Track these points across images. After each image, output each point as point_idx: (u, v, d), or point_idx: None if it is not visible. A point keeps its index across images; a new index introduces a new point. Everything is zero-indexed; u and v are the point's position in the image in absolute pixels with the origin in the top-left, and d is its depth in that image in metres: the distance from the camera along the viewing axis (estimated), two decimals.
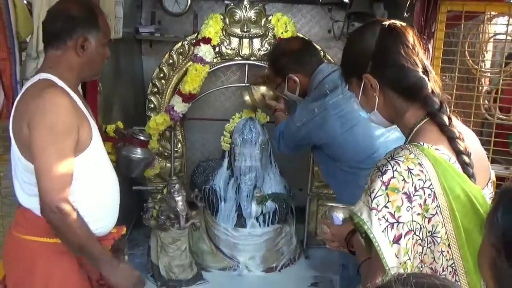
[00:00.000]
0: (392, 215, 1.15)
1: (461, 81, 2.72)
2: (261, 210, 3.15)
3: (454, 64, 2.61)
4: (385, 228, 1.15)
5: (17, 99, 1.63)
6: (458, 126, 1.30)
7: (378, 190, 1.17)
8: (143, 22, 3.97)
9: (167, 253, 2.92)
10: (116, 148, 2.73)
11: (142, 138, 2.72)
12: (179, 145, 3.35)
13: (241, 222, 3.15)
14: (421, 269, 1.19)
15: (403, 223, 1.15)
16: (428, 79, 1.30)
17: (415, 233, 1.16)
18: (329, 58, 3.19)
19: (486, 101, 2.64)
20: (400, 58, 1.29)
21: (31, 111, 1.55)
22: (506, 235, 0.57)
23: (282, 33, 3.11)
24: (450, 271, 1.20)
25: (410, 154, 1.19)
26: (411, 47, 1.31)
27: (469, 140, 1.31)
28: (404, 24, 1.37)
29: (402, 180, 1.16)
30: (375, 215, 1.16)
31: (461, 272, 1.20)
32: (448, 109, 1.29)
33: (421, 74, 1.29)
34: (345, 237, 1.54)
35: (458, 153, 1.24)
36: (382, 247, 1.16)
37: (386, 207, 1.16)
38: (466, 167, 1.23)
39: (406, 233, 1.15)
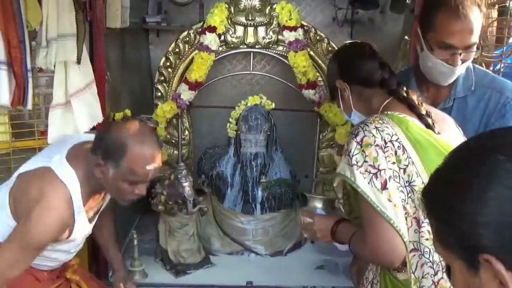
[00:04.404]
0: (373, 166, 1.33)
1: None
2: (267, 195, 3.21)
3: None
4: (370, 180, 1.33)
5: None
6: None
7: (355, 149, 1.36)
8: (149, 11, 4.02)
9: (175, 237, 2.98)
10: None
11: (150, 125, 2.77)
12: (186, 133, 3.40)
13: (247, 207, 3.21)
14: (407, 219, 1.34)
15: (384, 169, 1.33)
16: (385, 70, 1.56)
17: (394, 180, 1.34)
18: (334, 46, 3.22)
19: None
20: (356, 55, 1.63)
21: None
22: None
23: (286, 21, 3.14)
24: None
25: (376, 118, 1.42)
26: (367, 50, 1.63)
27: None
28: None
29: (372, 136, 1.35)
30: (357, 169, 1.34)
31: None
32: (406, 89, 1.52)
33: (374, 63, 1.57)
34: (331, 228, 1.59)
35: (420, 116, 1.44)
36: (372, 197, 1.32)
37: (366, 161, 1.34)
38: (430, 126, 1.43)
39: (389, 178, 1.33)
